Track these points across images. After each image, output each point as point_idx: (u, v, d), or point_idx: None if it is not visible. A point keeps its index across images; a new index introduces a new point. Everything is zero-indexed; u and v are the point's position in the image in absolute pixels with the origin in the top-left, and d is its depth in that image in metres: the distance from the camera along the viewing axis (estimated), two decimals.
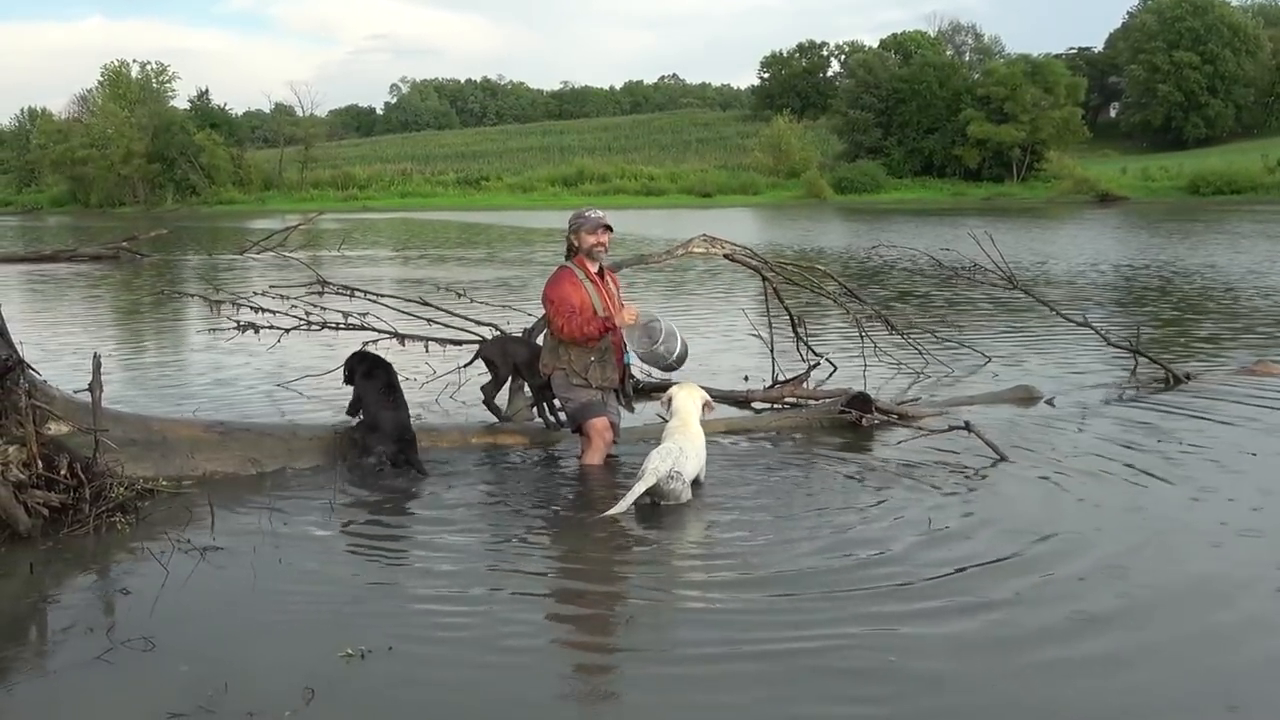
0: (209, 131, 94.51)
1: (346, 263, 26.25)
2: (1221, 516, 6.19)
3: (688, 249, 9.63)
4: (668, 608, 5.05)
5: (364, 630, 4.65)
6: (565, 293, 7.38)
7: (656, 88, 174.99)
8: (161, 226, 38.43)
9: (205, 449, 7.19)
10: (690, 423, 6.91)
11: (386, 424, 7.37)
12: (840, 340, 12.21)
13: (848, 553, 5.65)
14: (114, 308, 18.89)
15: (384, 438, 7.31)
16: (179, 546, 5.72)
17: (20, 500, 5.86)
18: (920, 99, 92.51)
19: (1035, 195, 78.17)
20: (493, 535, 6.10)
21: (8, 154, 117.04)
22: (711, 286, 20.25)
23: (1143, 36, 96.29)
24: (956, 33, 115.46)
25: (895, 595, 5.07)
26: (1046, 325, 13.53)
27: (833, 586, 5.17)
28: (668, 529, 6.20)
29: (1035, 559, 5.56)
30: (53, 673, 4.39)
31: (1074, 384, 10.08)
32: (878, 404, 8.56)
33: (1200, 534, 5.95)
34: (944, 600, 5.01)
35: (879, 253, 14.70)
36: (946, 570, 5.38)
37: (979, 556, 5.58)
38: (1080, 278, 21.09)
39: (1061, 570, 5.38)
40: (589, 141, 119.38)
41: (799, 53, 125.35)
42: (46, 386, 6.71)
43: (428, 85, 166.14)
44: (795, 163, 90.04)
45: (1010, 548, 5.71)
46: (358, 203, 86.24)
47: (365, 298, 9.81)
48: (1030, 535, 5.89)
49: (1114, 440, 8.00)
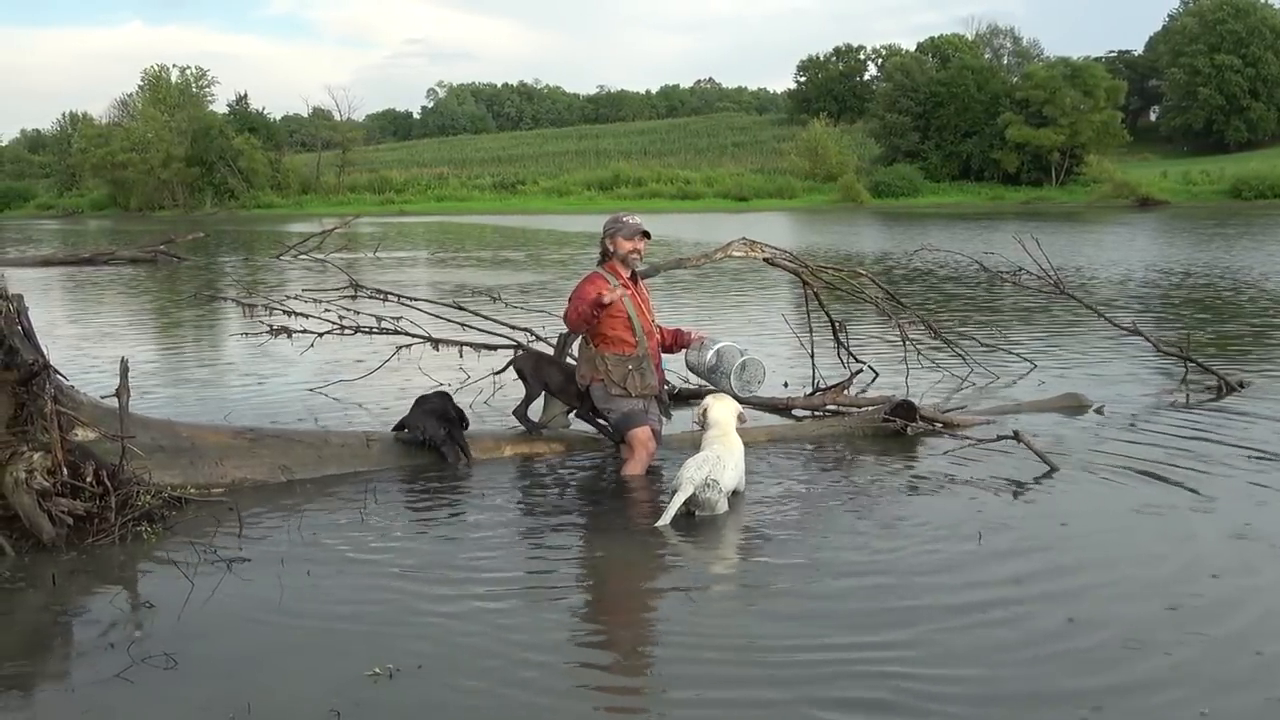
0: (247, 135, 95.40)
1: (382, 266, 26.22)
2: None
3: (726, 252, 9.46)
4: (707, 629, 4.84)
5: (393, 648, 4.48)
6: (584, 291, 7.27)
7: (692, 91, 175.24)
8: (200, 229, 38.72)
9: (234, 455, 7.05)
10: (729, 432, 6.75)
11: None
12: (881, 346, 12.00)
13: (894, 568, 5.45)
14: (150, 311, 18.87)
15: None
16: (205, 558, 5.58)
17: (44, 508, 5.74)
18: (958, 102, 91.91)
19: (1074, 199, 77.48)
20: (528, 549, 5.93)
21: (49, 158, 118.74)
22: (746, 291, 20.06)
23: (1183, 39, 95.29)
24: (995, 36, 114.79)
25: (944, 611, 4.86)
26: (1093, 331, 13.27)
27: (880, 601, 4.98)
28: (707, 544, 6.01)
29: (1091, 575, 5.34)
30: (73, 690, 4.25)
31: (1123, 391, 9.83)
32: (922, 412, 8.34)
33: (1269, 543, 5.74)
34: (994, 616, 4.80)
35: (921, 256, 14.46)
36: (998, 585, 5.17)
37: (1032, 573, 5.36)
38: (1125, 282, 20.75)
39: (1120, 588, 5.17)
40: (625, 145, 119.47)
41: (836, 56, 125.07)
42: (73, 391, 6.59)
43: (464, 89, 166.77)
44: (832, 166, 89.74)
45: (1066, 560, 5.51)
46: (394, 206, 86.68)
47: (399, 302, 9.70)
48: (1084, 550, 5.68)
49: (1166, 449, 7.75)
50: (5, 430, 6.01)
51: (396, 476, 7.27)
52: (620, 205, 72.86)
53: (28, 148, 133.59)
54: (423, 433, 7.48)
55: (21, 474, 5.74)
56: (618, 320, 7.31)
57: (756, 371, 7.71)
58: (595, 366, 7.36)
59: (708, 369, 7.67)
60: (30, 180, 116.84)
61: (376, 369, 9.76)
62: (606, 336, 7.35)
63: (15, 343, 6.08)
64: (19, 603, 5.13)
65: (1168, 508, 6.41)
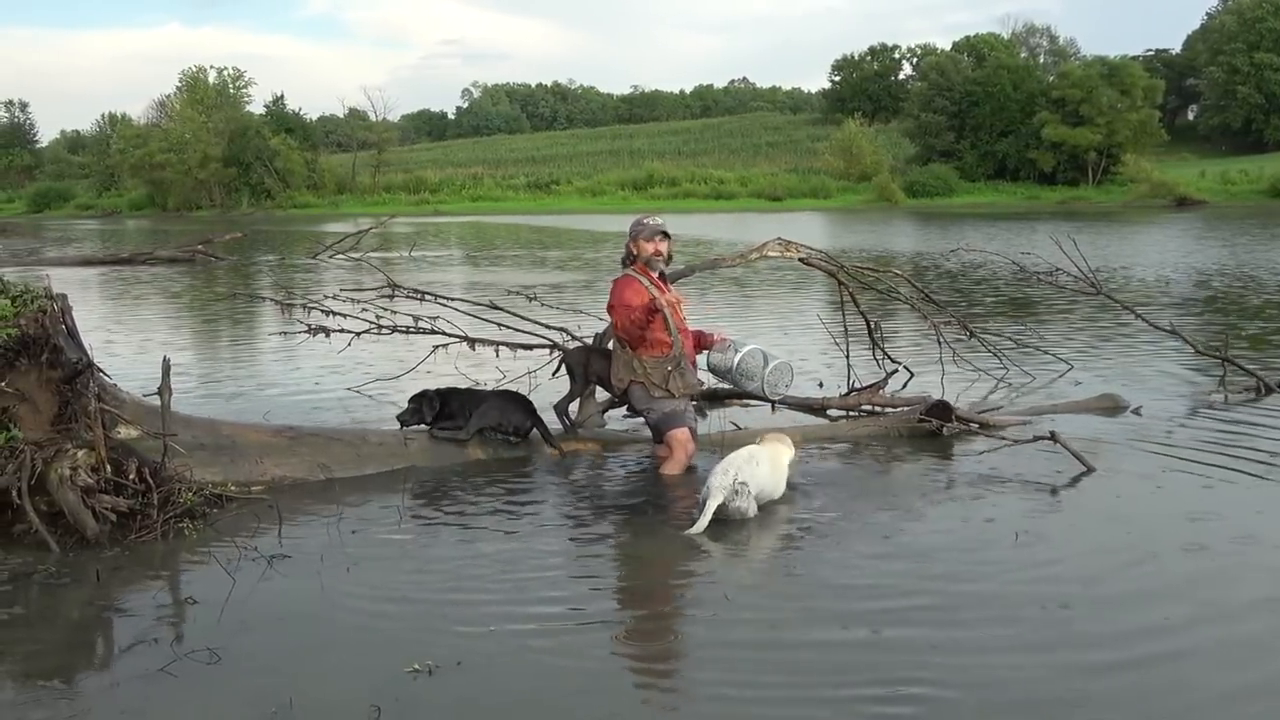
0: (284, 136, 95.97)
1: (418, 266, 26.32)
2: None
3: (761, 252, 9.45)
4: (742, 628, 4.84)
5: (432, 645, 4.52)
6: (627, 298, 7.30)
7: (726, 91, 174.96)
8: (237, 229, 38.94)
9: (274, 454, 7.12)
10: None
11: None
12: (916, 346, 11.96)
13: (928, 568, 5.45)
14: (189, 311, 19.03)
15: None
16: (246, 554, 5.64)
17: (88, 505, 5.82)
18: (994, 102, 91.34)
19: (1111, 199, 76.91)
20: (567, 547, 5.95)
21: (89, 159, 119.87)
22: (781, 291, 20.03)
23: (1222, 38, 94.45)
24: (1031, 35, 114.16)
25: (980, 612, 4.86)
26: (1130, 332, 13.19)
27: (914, 600, 4.98)
28: (744, 544, 6.00)
29: (1128, 576, 5.32)
30: (117, 684, 4.30)
31: (1160, 393, 9.76)
32: (958, 412, 8.31)
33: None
34: (1030, 615, 4.80)
35: (959, 255, 14.40)
36: (1035, 586, 5.16)
37: (1069, 575, 5.35)
38: (1162, 283, 20.58)
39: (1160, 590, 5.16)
40: (659, 145, 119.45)
41: (870, 55, 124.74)
42: (116, 390, 6.67)
43: (499, 90, 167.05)
44: (866, 166, 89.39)
45: (1103, 562, 5.49)
46: (429, 206, 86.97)
47: (435, 301, 9.74)
48: (1122, 551, 5.66)
49: (1204, 450, 7.70)
50: (50, 428, 6.10)
51: (434, 475, 7.31)
52: (654, 205, 72.92)
53: (68, 149, 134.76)
54: (509, 426, 7.64)
55: (66, 471, 5.83)
56: (655, 323, 7.34)
57: (784, 374, 7.71)
58: (634, 370, 7.39)
59: (730, 371, 7.66)
60: (70, 181, 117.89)
61: (413, 368, 9.81)
62: (644, 340, 7.37)
63: (60, 342, 6.17)
64: (64, 598, 5.20)
65: (1207, 510, 6.37)
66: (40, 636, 4.81)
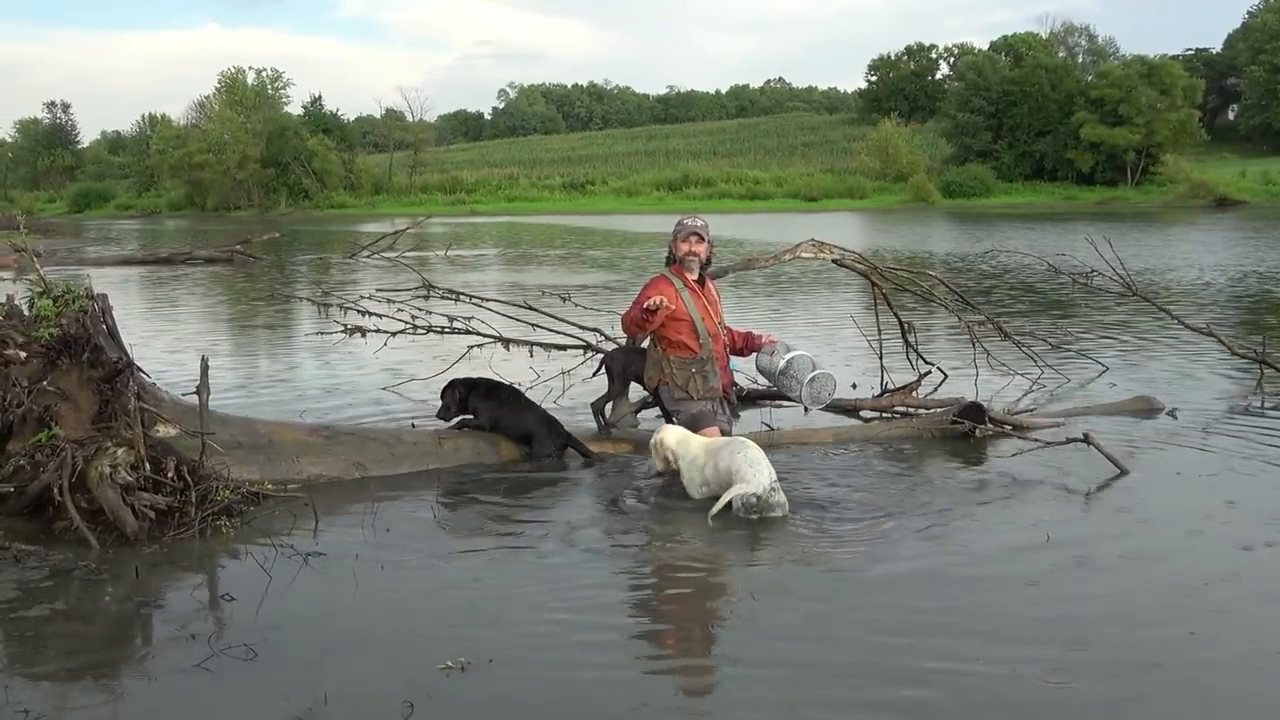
0: (321, 137, 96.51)
1: (453, 266, 26.42)
2: None
3: (795, 252, 9.47)
4: (772, 628, 4.85)
5: (465, 642, 4.57)
6: (645, 294, 7.36)
7: (762, 91, 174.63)
8: (275, 230, 39.25)
9: (310, 452, 7.19)
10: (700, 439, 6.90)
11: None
12: (949, 347, 11.94)
13: (961, 569, 5.45)
14: (226, 310, 19.19)
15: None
16: (282, 552, 5.70)
17: (127, 502, 5.90)
18: (1031, 101, 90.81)
19: (1150, 199, 76.33)
20: (598, 546, 5.97)
21: (129, 159, 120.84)
22: (815, 291, 20.01)
23: (1263, 37, 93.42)
24: (1069, 34, 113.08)
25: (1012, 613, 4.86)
26: (1166, 333, 13.10)
27: (946, 601, 4.99)
28: (774, 544, 6.00)
29: (1163, 581, 5.30)
30: (155, 679, 4.36)
31: (1196, 395, 9.69)
32: (991, 414, 8.29)
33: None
34: (1061, 616, 4.79)
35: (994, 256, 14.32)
36: (1066, 585, 5.16)
37: (1101, 576, 5.34)
38: (1200, 284, 20.41)
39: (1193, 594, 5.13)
40: (694, 146, 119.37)
41: (907, 55, 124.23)
42: (155, 389, 6.77)
43: (535, 90, 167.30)
44: (902, 166, 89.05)
45: (1136, 565, 5.48)
46: (465, 207, 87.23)
47: (470, 301, 9.80)
48: (1156, 556, 5.64)
49: (1241, 454, 7.66)
50: (90, 426, 6.18)
51: (468, 474, 7.37)
52: (690, 206, 72.83)
53: (108, 149, 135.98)
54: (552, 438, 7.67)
55: (106, 469, 5.91)
56: (682, 324, 7.39)
57: (827, 385, 7.71)
58: (661, 369, 7.44)
59: (777, 373, 7.69)
60: (110, 181, 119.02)
61: (449, 368, 9.87)
62: (671, 340, 7.44)
63: (100, 341, 6.26)
64: (103, 594, 5.26)
65: (1242, 513, 6.34)
66: (80, 631, 4.88)
